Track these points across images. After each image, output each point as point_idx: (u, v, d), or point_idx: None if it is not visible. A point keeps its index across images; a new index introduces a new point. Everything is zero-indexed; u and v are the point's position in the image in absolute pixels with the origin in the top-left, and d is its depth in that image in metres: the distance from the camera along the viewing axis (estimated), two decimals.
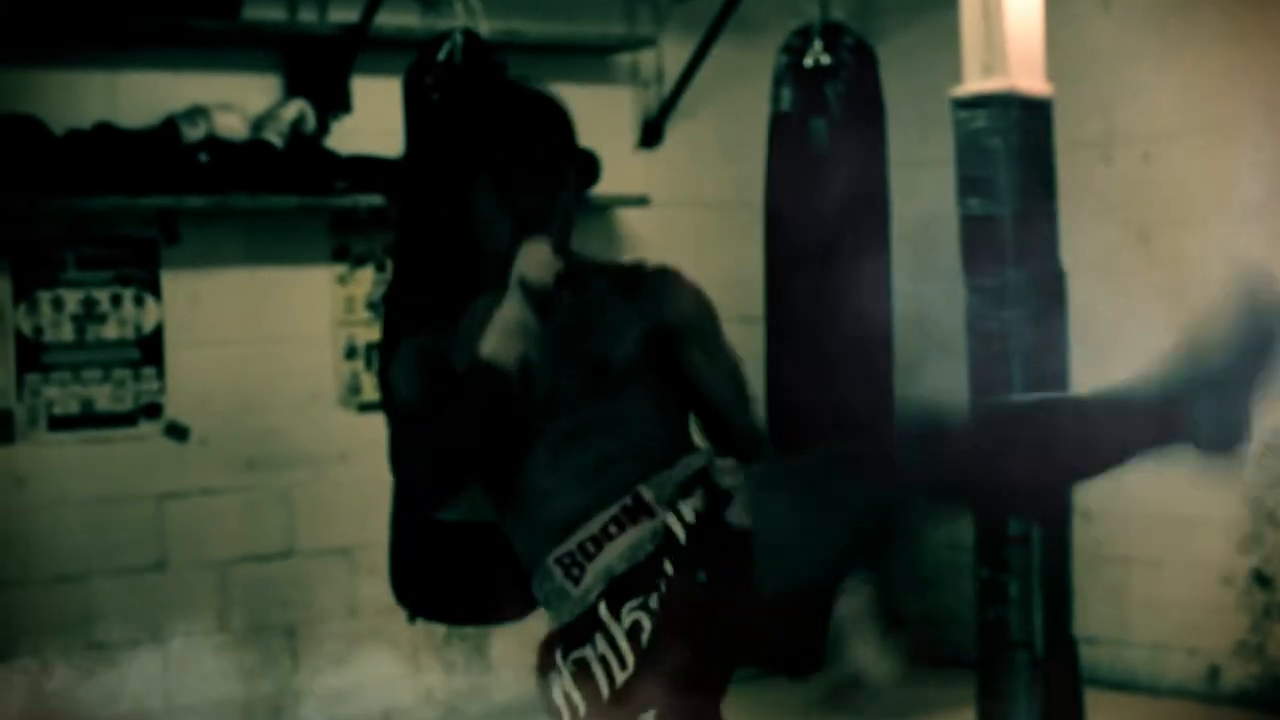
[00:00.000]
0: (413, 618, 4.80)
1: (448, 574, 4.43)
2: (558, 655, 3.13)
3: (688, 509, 3.12)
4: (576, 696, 3.07)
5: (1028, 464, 3.04)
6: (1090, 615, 6.11)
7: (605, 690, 3.06)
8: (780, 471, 3.26)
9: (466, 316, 3.38)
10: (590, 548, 3.13)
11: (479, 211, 3.33)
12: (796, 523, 3.04)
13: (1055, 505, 5.07)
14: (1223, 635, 6.40)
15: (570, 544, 3.14)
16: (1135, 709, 6.46)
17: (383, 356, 4.75)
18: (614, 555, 3.12)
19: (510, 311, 3.18)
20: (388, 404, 4.77)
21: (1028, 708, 5.15)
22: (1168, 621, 6.55)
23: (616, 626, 3.07)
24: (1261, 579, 6.33)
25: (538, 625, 3.29)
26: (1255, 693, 6.33)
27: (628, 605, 3.07)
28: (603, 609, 3.09)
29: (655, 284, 3.35)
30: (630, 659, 3.05)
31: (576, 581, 3.12)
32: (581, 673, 3.08)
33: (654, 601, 3.05)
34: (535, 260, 3.17)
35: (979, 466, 3.06)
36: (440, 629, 6.44)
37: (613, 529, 3.13)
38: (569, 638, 3.13)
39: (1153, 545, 6.61)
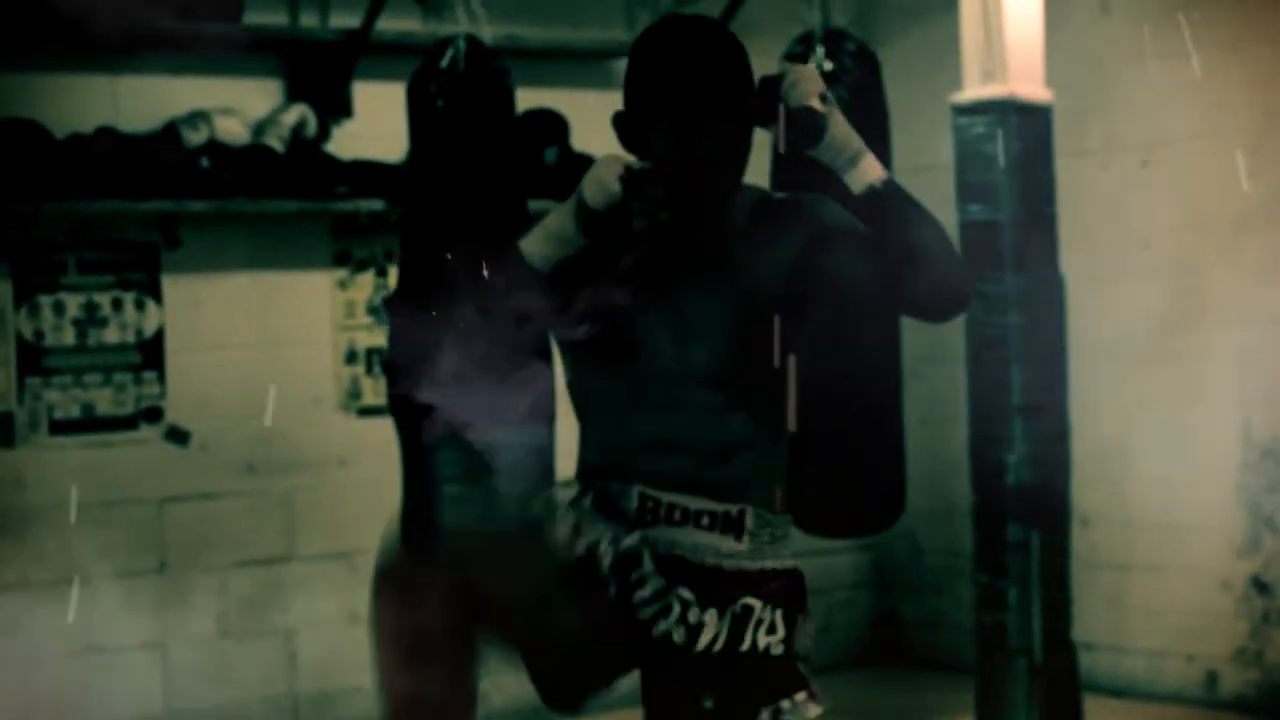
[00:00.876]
0: None
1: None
2: (599, 535, 3.12)
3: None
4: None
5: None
6: (1089, 621, 6.12)
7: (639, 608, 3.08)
8: None
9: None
10: (676, 515, 3.12)
11: (657, 155, 3.13)
12: None
13: None
14: (1221, 641, 6.41)
15: (662, 495, 3.13)
16: (1134, 715, 6.46)
17: (386, 358, 4.76)
18: (688, 537, 3.13)
19: (555, 218, 3.12)
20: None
21: (1026, 713, 5.16)
22: (1166, 627, 6.56)
23: (685, 595, 3.09)
24: (1260, 585, 6.33)
25: None
26: (1254, 699, 6.34)
27: (696, 608, 3.10)
28: (685, 592, 3.09)
29: (810, 205, 3.24)
30: (654, 598, 3.07)
31: (645, 524, 3.12)
32: (628, 565, 3.08)
33: (694, 617, 3.09)
34: (596, 176, 3.08)
35: None
36: None
37: (705, 520, 3.13)
38: (614, 543, 3.11)
39: (1151, 551, 6.61)
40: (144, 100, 6.06)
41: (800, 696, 3.15)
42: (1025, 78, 5.13)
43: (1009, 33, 5.10)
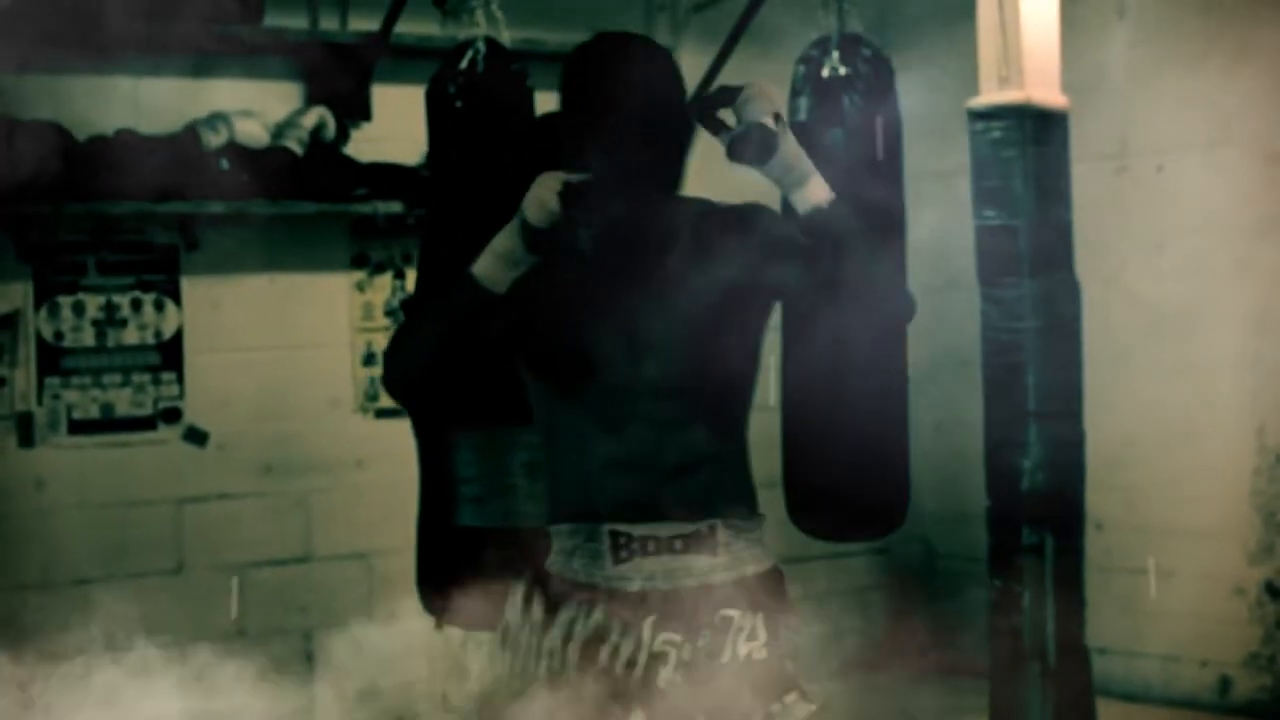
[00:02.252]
0: (439, 624, 4.83)
1: (472, 579, 4.46)
2: (535, 595, 3.23)
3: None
4: (566, 648, 3.15)
5: None
6: (1103, 626, 6.12)
7: (615, 668, 3.14)
8: None
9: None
10: (650, 546, 3.17)
11: (588, 166, 3.21)
12: None
13: None
14: (1234, 647, 6.42)
15: (634, 529, 3.17)
16: (1147, 719, 6.47)
17: None
18: (663, 565, 3.17)
19: (502, 239, 3.16)
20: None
21: (1040, 717, 5.16)
22: (1180, 632, 6.57)
23: (648, 640, 3.15)
24: (1273, 591, 6.34)
25: None
26: (1267, 704, 6.34)
27: (665, 634, 3.15)
28: (648, 626, 3.15)
29: (751, 213, 3.32)
30: (641, 667, 3.14)
31: (618, 562, 3.17)
32: (582, 639, 3.16)
33: (687, 654, 3.15)
34: (535, 195, 3.13)
35: None
36: (456, 635, 6.47)
37: (678, 544, 3.18)
38: (571, 592, 3.20)
39: (1165, 556, 6.62)
40: (164, 102, 6.09)
41: (790, 698, 3.20)
42: (1041, 83, 5.13)
43: (1025, 39, 5.10)
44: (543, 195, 3.12)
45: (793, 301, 3.33)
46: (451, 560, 4.49)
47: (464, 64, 4.62)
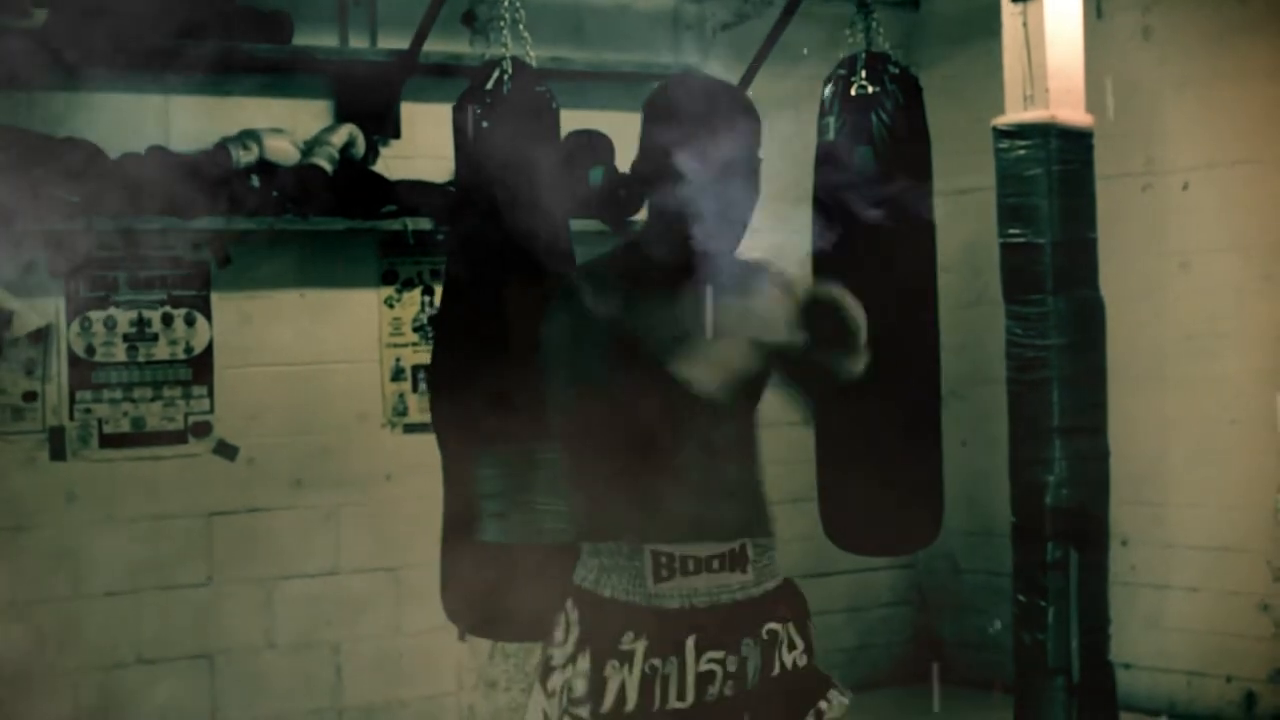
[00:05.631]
0: (463, 635, 4.85)
1: (497, 592, 4.49)
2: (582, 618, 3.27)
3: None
4: (621, 681, 3.19)
5: None
6: (1127, 641, 6.14)
7: (655, 699, 3.20)
8: None
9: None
10: (690, 565, 3.25)
11: (658, 215, 3.28)
12: None
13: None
14: (1259, 662, 6.42)
15: (675, 549, 3.25)
16: None
17: (430, 375, 4.80)
18: (702, 583, 3.25)
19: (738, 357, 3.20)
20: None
21: None
22: (1204, 648, 6.57)
23: (692, 661, 3.22)
24: None
25: None
26: None
27: (709, 653, 3.23)
28: (690, 646, 3.21)
29: (777, 273, 3.39)
30: (691, 695, 3.21)
31: (659, 580, 3.24)
32: (622, 662, 3.21)
33: (732, 666, 3.24)
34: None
35: None
36: (484, 647, 6.49)
37: (715, 563, 3.27)
38: (611, 616, 3.24)
39: (1190, 572, 6.63)
40: (195, 120, 6.13)
41: (832, 694, 3.33)
42: (1066, 102, 5.16)
43: (1050, 58, 5.13)
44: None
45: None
46: (475, 574, 4.53)
47: (490, 84, 4.66)
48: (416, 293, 6.53)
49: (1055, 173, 5.10)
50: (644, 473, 3.23)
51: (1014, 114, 5.19)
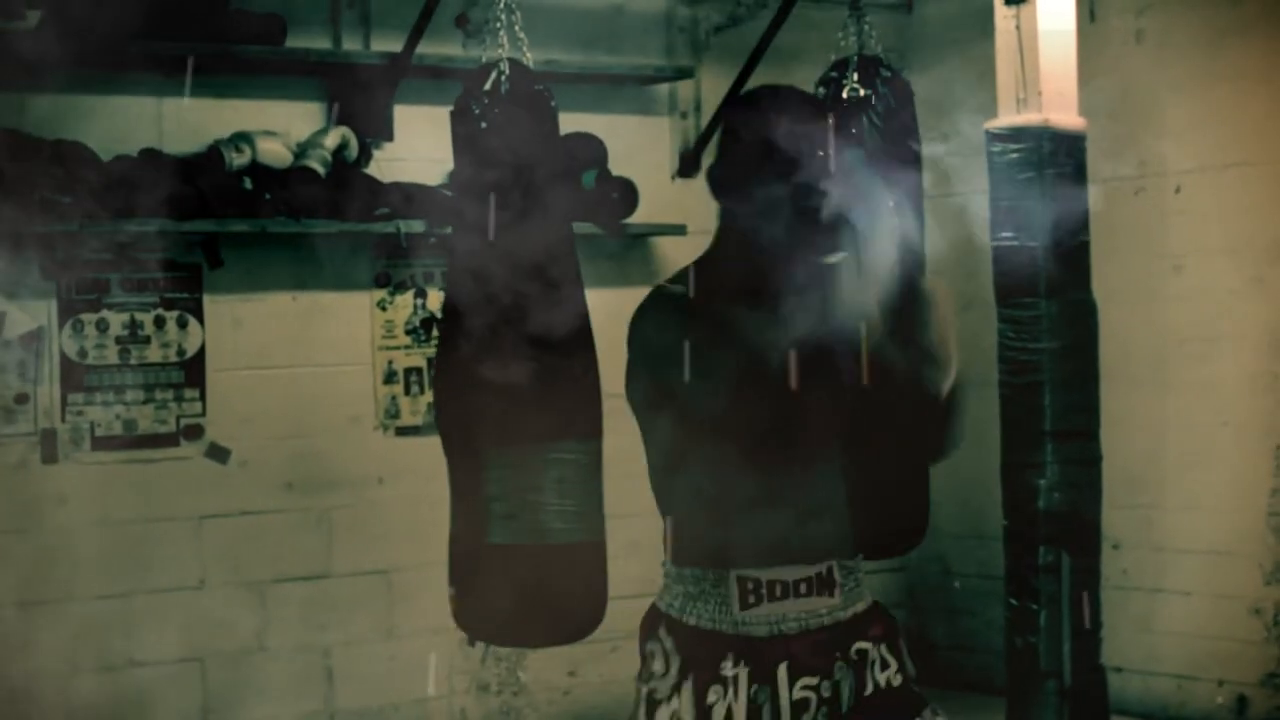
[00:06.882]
0: (471, 640, 4.82)
1: (508, 598, 4.46)
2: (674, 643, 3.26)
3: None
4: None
5: None
6: (1119, 645, 6.14)
7: None
8: None
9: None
10: (777, 590, 3.23)
11: (770, 213, 3.31)
12: None
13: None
14: (1251, 666, 6.42)
15: (762, 574, 3.22)
16: None
17: (437, 372, 4.76)
18: (789, 609, 3.23)
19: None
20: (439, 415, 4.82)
21: None
22: (1196, 652, 6.57)
23: (786, 689, 3.21)
24: None
25: (575, 649, 3.32)
26: None
27: (802, 679, 3.22)
28: (783, 672, 3.20)
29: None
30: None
31: (745, 607, 3.22)
32: (726, 689, 3.20)
33: (826, 691, 3.23)
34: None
35: None
36: (476, 651, 6.49)
37: (802, 587, 3.24)
38: (701, 644, 3.23)
39: (1182, 576, 6.63)
40: (187, 122, 6.13)
41: (927, 713, 3.34)
42: (1059, 105, 5.16)
43: (1043, 61, 5.14)
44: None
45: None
46: (483, 577, 4.50)
47: (488, 85, 4.64)
48: (409, 295, 6.53)
49: (1048, 176, 5.11)
50: (743, 492, 3.21)
51: (1007, 117, 5.20)
